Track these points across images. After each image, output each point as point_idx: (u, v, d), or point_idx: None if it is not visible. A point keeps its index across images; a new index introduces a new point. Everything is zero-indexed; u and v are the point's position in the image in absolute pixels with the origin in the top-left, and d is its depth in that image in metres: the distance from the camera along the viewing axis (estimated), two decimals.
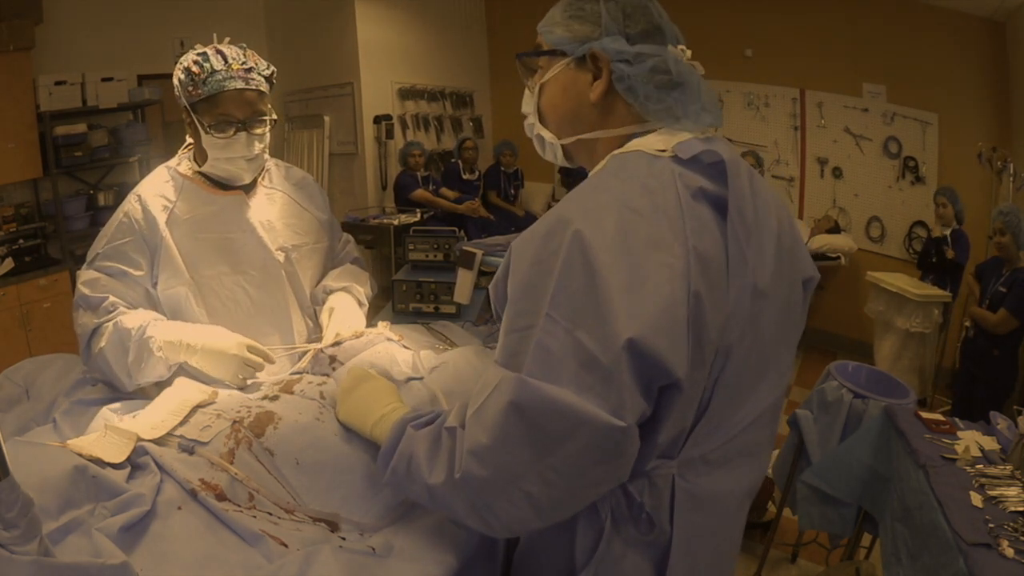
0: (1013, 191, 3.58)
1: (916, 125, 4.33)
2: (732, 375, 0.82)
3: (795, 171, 4.92)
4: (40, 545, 0.74)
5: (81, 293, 1.33)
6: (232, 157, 1.36)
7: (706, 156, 0.82)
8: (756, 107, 4.99)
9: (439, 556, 0.94)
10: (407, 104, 5.67)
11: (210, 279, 1.40)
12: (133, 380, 1.29)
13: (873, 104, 4.49)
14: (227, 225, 1.41)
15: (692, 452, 0.83)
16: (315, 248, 1.56)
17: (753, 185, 0.85)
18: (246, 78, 1.32)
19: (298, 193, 1.56)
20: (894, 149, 4.45)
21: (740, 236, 0.80)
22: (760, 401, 0.88)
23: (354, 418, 1.09)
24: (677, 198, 0.77)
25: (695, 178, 0.80)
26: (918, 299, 3.61)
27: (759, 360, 0.86)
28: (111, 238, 1.35)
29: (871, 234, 4.66)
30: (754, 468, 0.92)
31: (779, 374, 0.91)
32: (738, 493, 0.90)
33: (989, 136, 3.92)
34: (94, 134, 4.13)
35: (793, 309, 0.92)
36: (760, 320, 0.83)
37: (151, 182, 1.41)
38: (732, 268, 0.79)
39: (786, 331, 0.91)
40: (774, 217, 0.86)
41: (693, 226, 0.76)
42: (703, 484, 0.84)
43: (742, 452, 0.88)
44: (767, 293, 0.83)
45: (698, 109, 0.88)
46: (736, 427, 0.86)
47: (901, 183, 4.46)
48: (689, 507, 0.83)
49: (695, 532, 0.84)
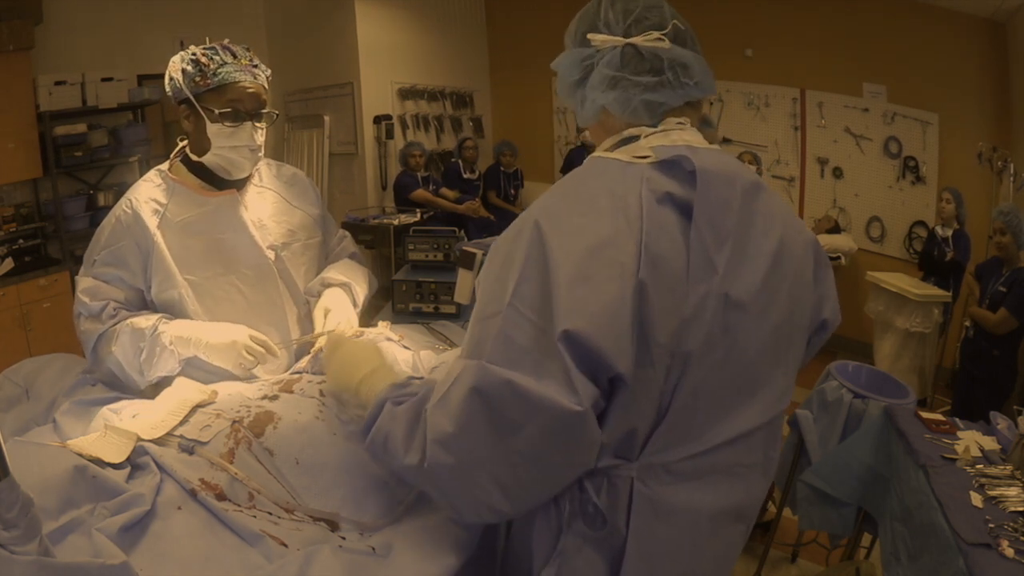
0: (1013, 191, 3.58)
1: (916, 125, 4.33)
2: (700, 385, 0.81)
3: (795, 171, 4.92)
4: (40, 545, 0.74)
5: (81, 301, 1.37)
6: (237, 146, 1.38)
7: (685, 163, 0.82)
8: (756, 107, 4.99)
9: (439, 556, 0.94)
10: (407, 104, 5.68)
11: (204, 280, 1.40)
12: (145, 377, 1.34)
13: (873, 104, 4.49)
14: (219, 226, 1.42)
15: (653, 459, 0.82)
16: (307, 244, 1.56)
17: (750, 201, 0.85)
18: (254, 72, 1.37)
19: (288, 190, 1.56)
20: (894, 149, 4.45)
21: (708, 242, 0.80)
22: (745, 420, 0.86)
23: (339, 383, 1.06)
24: (639, 200, 0.79)
25: (666, 183, 0.81)
26: (918, 299, 3.61)
27: (740, 376, 0.85)
28: (105, 243, 1.38)
29: (871, 234, 4.66)
30: (737, 489, 0.89)
31: (774, 396, 0.89)
32: (712, 511, 0.86)
33: (989, 136, 3.92)
34: (94, 134, 4.13)
35: (793, 333, 0.91)
36: (737, 333, 0.82)
37: (142, 186, 1.43)
38: (693, 272, 0.79)
39: (780, 353, 0.89)
40: (774, 239, 0.86)
41: (650, 227, 0.77)
42: (665, 494, 0.83)
43: (719, 470, 0.86)
44: (746, 306, 0.82)
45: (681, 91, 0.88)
46: (708, 442, 0.84)
47: (901, 183, 4.46)
48: (648, 513, 0.83)
49: (653, 539, 0.83)
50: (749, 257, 0.83)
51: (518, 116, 6.35)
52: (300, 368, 1.43)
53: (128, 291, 1.39)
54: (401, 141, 5.47)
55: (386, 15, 5.38)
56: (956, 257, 3.66)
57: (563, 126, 6.13)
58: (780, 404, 0.92)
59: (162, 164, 1.47)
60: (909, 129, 4.37)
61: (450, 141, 5.94)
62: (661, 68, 0.87)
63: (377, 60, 5.35)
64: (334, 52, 5.33)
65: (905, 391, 2.15)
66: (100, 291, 1.37)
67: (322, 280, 1.56)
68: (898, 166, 4.45)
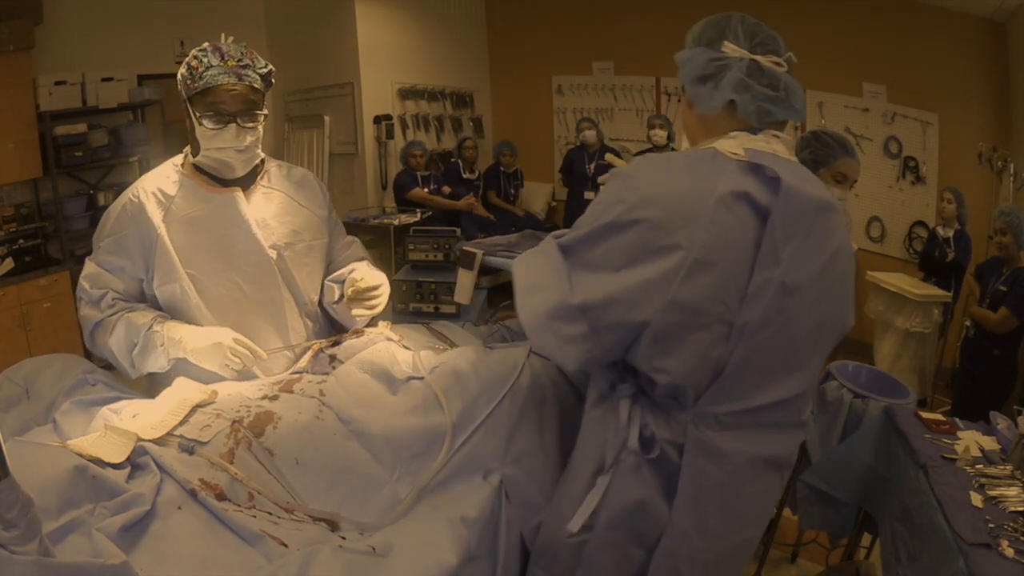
0: (1013, 191, 3.58)
1: (916, 125, 4.33)
2: (752, 355, 0.98)
3: None
4: (40, 545, 0.74)
5: (83, 287, 1.44)
6: (222, 147, 1.39)
7: (768, 170, 0.98)
8: None
9: (439, 556, 0.94)
10: (407, 104, 5.67)
11: (205, 276, 1.42)
12: (136, 369, 1.42)
13: (873, 104, 4.48)
14: (222, 222, 1.43)
15: (706, 409, 1.01)
16: (312, 245, 1.56)
17: (820, 214, 1.00)
18: (239, 74, 1.36)
19: (297, 191, 1.57)
20: (894, 149, 4.45)
21: (778, 239, 0.96)
22: (785, 390, 1.03)
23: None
24: (715, 188, 0.95)
25: (746, 182, 0.97)
26: (918, 299, 3.61)
27: (786, 354, 1.02)
28: (110, 230, 1.43)
29: (871, 234, 4.66)
30: (775, 443, 1.07)
31: (808, 375, 1.07)
32: (752, 457, 1.04)
33: (989, 136, 3.91)
34: (94, 134, 4.13)
35: (833, 327, 1.08)
36: (788, 316, 0.98)
37: (154, 177, 1.46)
38: (761, 260, 0.95)
39: (819, 342, 1.07)
40: (833, 247, 1.02)
41: (718, 214, 0.95)
42: (714, 439, 1.01)
43: (762, 425, 1.04)
44: (799, 295, 0.98)
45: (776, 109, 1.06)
46: (753, 402, 1.01)
47: (901, 183, 4.46)
48: (698, 452, 1.01)
49: (703, 475, 1.01)
50: (809, 257, 0.99)
51: (518, 116, 6.35)
52: (300, 368, 1.43)
53: (128, 282, 1.44)
54: (401, 141, 5.47)
55: (386, 15, 5.38)
56: (957, 258, 3.65)
57: (563, 126, 6.13)
58: (813, 380, 1.10)
59: (176, 157, 1.49)
60: (909, 129, 4.37)
61: (450, 141, 5.93)
62: (777, 86, 1.06)
63: (377, 60, 5.35)
64: (334, 52, 5.32)
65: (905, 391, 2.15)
66: (101, 279, 1.43)
67: (342, 269, 1.60)
68: (898, 166, 4.45)
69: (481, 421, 1.21)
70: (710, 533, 1.04)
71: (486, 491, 1.12)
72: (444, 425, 1.19)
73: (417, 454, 1.16)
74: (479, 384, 1.27)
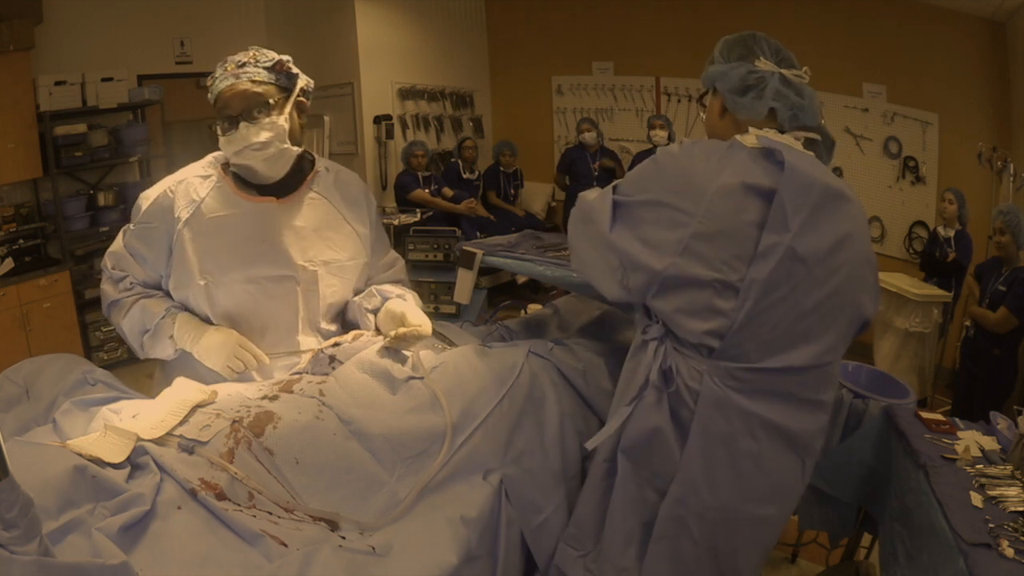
0: (1013, 191, 3.58)
1: (916, 125, 4.32)
2: (762, 315, 1.08)
3: None
4: (40, 545, 0.74)
5: (106, 263, 1.50)
6: (238, 151, 1.37)
7: (778, 155, 1.10)
8: None
9: (439, 555, 0.94)
10: (407, 104, 5.67)
11: (219, 282, 1.41)
12: (145, 352, 1.47)
13: (873, 104, 4.48)
14: (247, 231, 1.41)
15: (719, 363, 1.11)
16: (347, 265, 1.51)
17: (829, 198, 1.10)
18: (236, 73, 1.37)
19: (344, 203, 1.52)
20: (894, 149, 4.45)
21: (787, 209, 1.06)
22: (795, 358, 1.11)
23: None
24: (721, 175, 1.11)
25: (754, 167, 1.11)
26: (918, 299, 3.61)
27: (793, 321, 1.10)
28: (143, 218, 1.45)
29: (871, 234, 4.66)
30: (788, 413, 1.13)
31: (821, 349, 1.13)
32: (762, 420, 1.11)
33: (989, 136, 3.91)
34: (94, 134, 4.12)
35: (845, 307, 1.15)
36: (796, 283, 1.08)
37: (189, 173, 1.46)
38: (770, 225, 1.07)
39: (832, 318, 1.14)
40: (844, 229, 1.11)
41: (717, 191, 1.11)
42: (728, 392, 1.10)
43: (776, 391, 1.12)
44: (808, 265, 1.07)
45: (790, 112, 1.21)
46: (763, 363, 1.10)
47: (901, 183, 4.46)
48: (711, 403, 1.11)
49: (713, 425, 1.10)
50: (816, 233, 1.08)
51: (518, 116, 6.34)
52: (300, 368, 1.43)
53: (148, 272, 1.47)
54: (401, 141, 5.47)
55: (386, 15, 5.38)
56: (958, 258, 3.65)
57: (563, 126, 6.13)
58: (827, 357, 1.15)
59: (219, 153, 1.46)
60: (909, 129, 4.37)
61: (450, 141, 5.93)
62: (803, 95, 1.21)
63: (377, 60, 5.35)
64: (334, 52, 5.32)
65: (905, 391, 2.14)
66: (124, 262, 1.47)
67: (377, 290, 1.52)
68: (898, 166, 4.45)
69: (481, 421, 1.21)
70: (719, 488, 1.11)
71: (486, 491, 1.13)
72: (444, 425, 1.19)
73: (417, 454, 1.16)
74: (479, 384, 1.27)
